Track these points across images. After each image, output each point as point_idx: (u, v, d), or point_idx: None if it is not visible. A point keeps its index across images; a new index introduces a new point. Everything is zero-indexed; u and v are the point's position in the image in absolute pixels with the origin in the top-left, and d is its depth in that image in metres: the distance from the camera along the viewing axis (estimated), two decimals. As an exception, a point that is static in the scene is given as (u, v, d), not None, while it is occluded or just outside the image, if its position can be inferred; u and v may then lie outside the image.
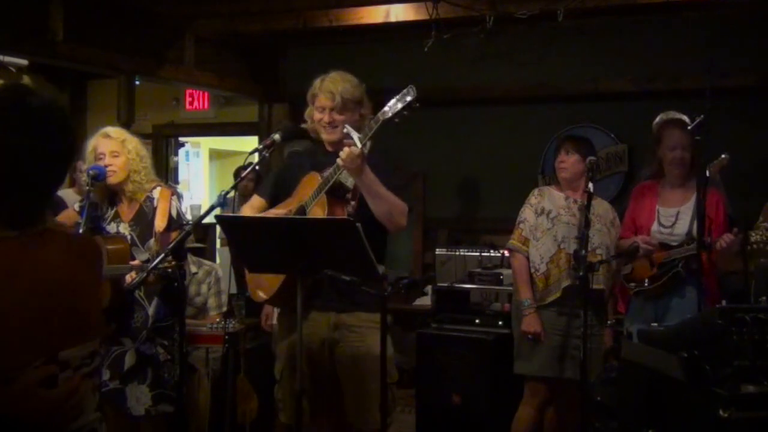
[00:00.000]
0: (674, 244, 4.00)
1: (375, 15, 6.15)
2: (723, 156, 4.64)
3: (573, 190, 4.16)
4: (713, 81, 5.60)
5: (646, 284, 4.06)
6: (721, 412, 2.65)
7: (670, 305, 4.00)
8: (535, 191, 4.30)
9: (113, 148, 3.83)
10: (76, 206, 3.98)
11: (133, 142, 3.91)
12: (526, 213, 4.20)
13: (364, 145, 3.00)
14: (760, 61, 5.90)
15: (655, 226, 4.09)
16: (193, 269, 4.97)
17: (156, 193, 3.89)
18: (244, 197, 6.66)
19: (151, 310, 3.83)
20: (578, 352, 3.85)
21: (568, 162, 4.15)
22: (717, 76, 5.76)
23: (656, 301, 4.04)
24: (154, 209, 3.85)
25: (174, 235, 3.70)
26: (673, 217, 4.05)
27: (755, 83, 5.92)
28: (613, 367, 4.39)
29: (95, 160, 3.82)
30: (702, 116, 3.65)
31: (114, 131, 3.93)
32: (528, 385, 4.20)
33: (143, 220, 3.86)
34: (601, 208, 4.19)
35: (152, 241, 3.82)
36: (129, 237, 3.82)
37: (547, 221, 4.12)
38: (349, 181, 3.20)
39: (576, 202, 4.10)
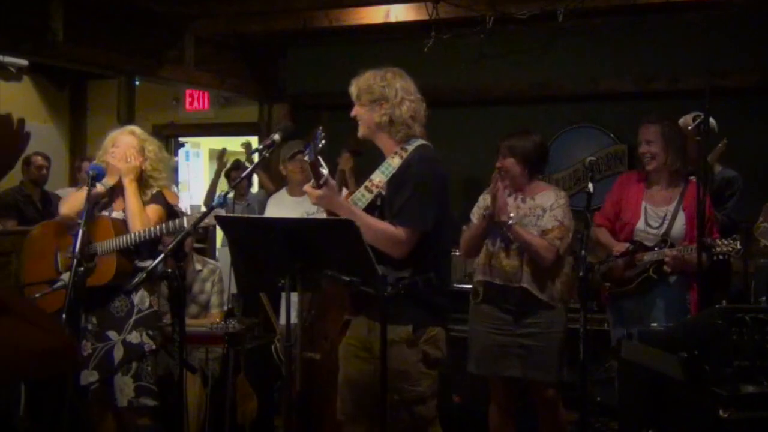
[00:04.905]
0: (649, 244, 3.95)
1: (375, 15, 6.15)
2: (721, 143, 4.59)
3: (518, 190, 4.02)
4: (713, 81, 5.64)
5: (620, 286, 4.03)
6: (721, 412, 2.65)
7: (642, 307, 3.96)
8: (485, 192, 4.14)
9: (133, 144, 3.88)
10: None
11: (153, 145, 3.97)
12: (475, 214, 4.12)
13: (324, 184, 2.91)
14: (760, 61, 5.90)
15: (641, 225, 4.02)
16: (198, 267, 5.02)
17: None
18: (242, 196, 6.69)
19: (136, 299, 3.83)
20: (523, 350, 3.85)
21: (505, 166, 4.00)
22: (717, 76, 5.79)
23: (632, 303, 4.01)
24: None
25: (153, 209, 3.80)
26: (660, 218, 4.00)
27: (755, 83, 5.92)
28: (613, 367, 4.38)
29: (108, 151, 3.85)
30: (702, 116, 3.63)
31: (140, 132, 3.99)
32: (490, 384, 4.16)
33: None
34: (546, 199, 4.00)
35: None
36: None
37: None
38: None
39: (517, 198, 3.99)
